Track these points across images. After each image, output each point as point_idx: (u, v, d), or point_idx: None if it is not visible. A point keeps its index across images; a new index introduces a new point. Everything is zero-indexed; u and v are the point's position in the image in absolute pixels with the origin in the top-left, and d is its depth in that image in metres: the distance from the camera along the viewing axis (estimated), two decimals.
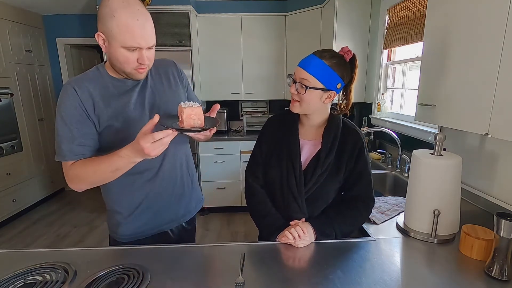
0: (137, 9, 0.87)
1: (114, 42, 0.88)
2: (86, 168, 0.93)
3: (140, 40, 0.88)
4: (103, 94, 0.96)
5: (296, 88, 1.00)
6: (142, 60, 0.91)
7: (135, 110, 1.00)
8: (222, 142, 3.25)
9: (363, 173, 1.06)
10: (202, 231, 3.07)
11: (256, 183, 1.13)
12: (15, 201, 3.24)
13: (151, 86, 1.05)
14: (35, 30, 3.59)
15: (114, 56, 0.91)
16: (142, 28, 0.88)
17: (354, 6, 2.47)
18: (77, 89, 0.93)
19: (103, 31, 0.88)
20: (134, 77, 0.96)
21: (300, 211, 1.07)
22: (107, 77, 0.98)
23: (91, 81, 0.96)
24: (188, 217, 1.22)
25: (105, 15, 0.86)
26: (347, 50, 0.99)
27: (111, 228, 1.13)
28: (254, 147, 1.17)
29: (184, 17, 2.97)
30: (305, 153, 1.08)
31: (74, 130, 0.93)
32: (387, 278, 0.84)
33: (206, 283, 0.82)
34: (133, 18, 0.86)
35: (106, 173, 0.92)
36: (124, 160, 0.88)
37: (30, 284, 0.81)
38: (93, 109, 0.94)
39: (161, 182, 1.08)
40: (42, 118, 3.70)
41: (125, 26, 0.85)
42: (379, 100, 2.38)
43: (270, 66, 3.42)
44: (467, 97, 1.02)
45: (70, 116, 0.92)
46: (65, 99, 0.92)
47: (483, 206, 1.27)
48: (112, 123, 0.96)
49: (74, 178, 0.95)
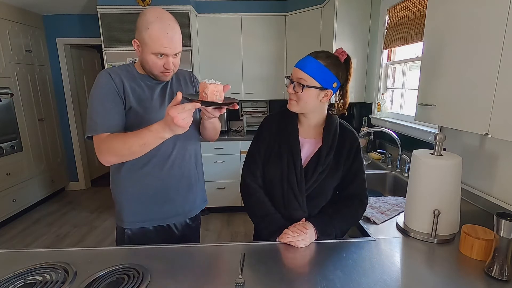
0: (168, 24, 1.02)
1: (146, 48, 1.03)
2: (118, 140, 1.00)
3: (167, 50, 1.03)
4: (131, 83, 1.11)
5: (293, 88, 1.02)
6: (168, 66, 1.06)
7: (156, 101, 1.13)
8: (222, 142, 3.25)
9: (359, 172, 1.11)
10: (202, 231, 3.06)
11: (254, 183, 1.13)
12: (15, 201, 3.24)
13: (171, 87, 1.19)
14: (35, 30, 3.59)
15: (145, 59, 1.06)
16: (171, 40, 1.03)
17: (354, 6, 2.47)
18: (112, 75, 1.08)
19: (139, 39, 1.05)
20: (160, 79, 1.12)
21: (300, 209, 1.07)
22: (136, 73, 1.14)
23: (123, 72, 1.11)
24: (193, 213, 1.28)
25: (141, 26, 1.02)
26: (342, 51, 1.02)
27: (116, 215, 1.19)
28: (250, 146, 1.17)
29: (184, 17, 2.98)
30: (305, 151, 1.09)
31: (109, 107, 1.04)
32: (387, 278, 0.84)
33: (206, 283, 0.82)
34: (164, 31, 1.01)
35: (135, 146, 0.98)
36: (153, 135, 0.95)
37: (30, 284, 0.81)
38: (123, 92, 1.08)
39: (170, 170, 1.16)
40: (42, 118, 3.69)
41: (156, 38, 1.01)
42: (379, 100, 2.38)
43: (270, 66, 3.42)
44: (467, 97, 1.02)
45: (106, 95, 1.05)
46: (102, 81, 1.06)
47: (483, 206, 1.27)
48: (135, 107, 1.09)
49: (105, 150, 1.02)
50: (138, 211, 1.16)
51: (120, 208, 1.17)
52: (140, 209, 1.16)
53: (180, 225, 1.24)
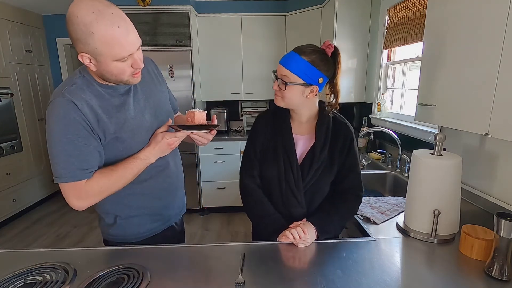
0: (111, 13, 0.78)
1: (103, 58, 0.81)
2: (109, 179, 0.91)
3: (129, 47, 0.83)
4: (102, 105, 0.90)
5: (278, 84, 1.01)
6: (137, 65, 0.87)
7: (136, 117, 0.97)
8: (222, 142, 3.25)
9: (353, 166, 1.10)
10: (202, 231, 3.07)
11: (252, 183, 1.13)
12: (15, 201, 3.24)
13: (140, 88, 1.01)
14: (35, 30, 3.59)
15: (107, 71, 0.85)
16: (126, 33, 0.81)
17: (354, 6, 2.46)
18: (77, 103, 0.85)
19: (87, 51, 0.80)
20: (131, 82, 0.92)
21: (299, 206, 1.08)
22: (97, 84, 0.91)
23: (85, 92, 0.88)
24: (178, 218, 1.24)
25: (82, 34, 0.78)
26: (328, 44, 1.00)
27: (108, 231, 1.09)
28: (246, 147, 1.16)
29: (184, 17, 2.97)
30: (300, 148, 1.09)
31: (83, 147, 0.87)
32: (387, 278, 0.84)
33: (206, 283, 0.82)
34: (113, 26, 0.78)
35: (128, 179, 0.95)
36: (144, 162, 0.96)
37: (30, 284, 0.81)
38: (97, 123, 0.89)
39: (166, 179, 1.11)
40: (42, 118, 3.69)
41: (109, 39, 0.78)
42: (379, 100, 2.38)
43: (270, 66, 3.42)
44: (467, 97, 1.02)
45: (75, 132, 0.85)
46: (66, 115, 0.84)
47: (483, 206, 1.27)
48: (119, 134, 0.93)
49: (93, 194, 0.91)
50: (131, 227, 1.08)
51: (107, 225, 1.07)
52: (132, 227, 1.08)
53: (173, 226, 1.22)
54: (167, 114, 1.09)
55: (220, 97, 3.48)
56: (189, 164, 3.21)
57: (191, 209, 3.36)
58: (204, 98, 3.47)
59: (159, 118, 1.04)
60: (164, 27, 2.98)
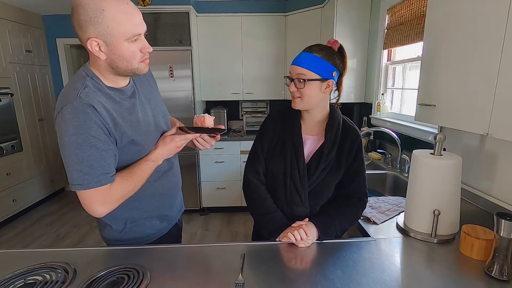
0: None
1: (114, 39, 0.80)
2: (130, 182, 0.91)
3: (139, 25, 0.83)
4: (115, 108, 0.89)
5: (295, 85, 1.02)
6: (147, 47, 0.86)
7: (144, 119, 0.98)
8: (222, 142, 3.25)
9: (360, 171, 1.10)
10: (202, 231, 3.07)
11: (256, 179, 1.13)
12: (15, 201, 3.24)
13: (141, 90, 1.01)
14: (35, 30, 3.59)
15: (119, 55, 0.83)
16: (135, 10, 0.82)
17: (354, 6, 2.47)
18: (96, 106, 0.83)
19: (97, 34, 0.79)
20: (141, 71, 0.90)
21: (302, 205, 1.08)
22: (105, 87, 0.90)
23: (99, 95, 0.86)
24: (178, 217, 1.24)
25: (93, 13, 0.77)
26: (334, 41, 1.04)
27: (116, 237, 1.05)
28: (254, 143, 1.17)
29: (184, 17, 2.97)
30: (308, 147, 1.09)
31: (104, 151, 0.86)
32: (387, 278, 0.84)
33: (206, 283, 0.82)
34: (123, 2, 0.80)
35: (144, 181, 0.96)
36: (155, 164, 0.98)
37: (30, 284, 0.81)
38: (114, 126, 0.88)
39: (167, 178, 1.11)
40: (42, 118, 3.69)
41: (121, 14, 0.78)
42: (379, 100, 2.38)
43: (270, 66, 3.42)
44: (467, 97, 1.02)
45: (97, 136, 0.84)
46: (86, 119, 0.82)
47: (483, 206, 1.27)
48: (135, 137, 0.93)
49: (116, 198, 0.89)
50: (134, 232, 1.06)
51: (108, 231, 1.05)
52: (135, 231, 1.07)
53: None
54: (164, 115, 1.11)
55: (220, 97, 3.48)
56: (189, 164, 3.21)
57: (191, 209, 3.36)
58: (204, 98, 3.47)
59: (159, 119, 1.06)
60: (164, 27, 2.98)
